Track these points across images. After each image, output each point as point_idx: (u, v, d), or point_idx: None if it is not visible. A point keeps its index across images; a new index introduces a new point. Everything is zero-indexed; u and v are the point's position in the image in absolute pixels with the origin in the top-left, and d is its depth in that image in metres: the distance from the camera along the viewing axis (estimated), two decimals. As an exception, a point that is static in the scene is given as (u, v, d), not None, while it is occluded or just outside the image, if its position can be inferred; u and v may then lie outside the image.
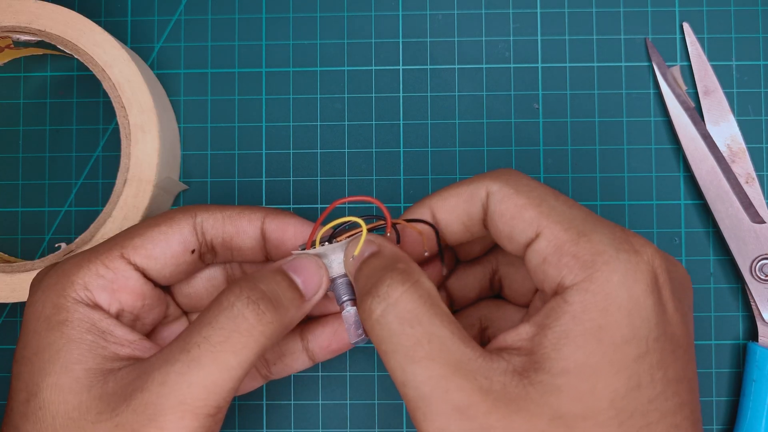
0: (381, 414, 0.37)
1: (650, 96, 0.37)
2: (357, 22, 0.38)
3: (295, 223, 0.30)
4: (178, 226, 0.29)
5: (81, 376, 0.26)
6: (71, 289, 0.27)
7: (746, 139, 0.36)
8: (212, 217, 0.29)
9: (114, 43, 0.34)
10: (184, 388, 0.25)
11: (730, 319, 0.36)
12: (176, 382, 0.25)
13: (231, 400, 0.26)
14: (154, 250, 0.28)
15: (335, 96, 0.38)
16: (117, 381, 0.26)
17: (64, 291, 0.27)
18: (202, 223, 0.29)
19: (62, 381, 0.26)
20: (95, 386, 0.25)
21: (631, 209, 0.37)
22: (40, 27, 0.34)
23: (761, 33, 0.37)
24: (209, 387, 0.25)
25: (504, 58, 0.37)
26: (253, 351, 0.26)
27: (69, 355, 0.26)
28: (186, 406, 0.25)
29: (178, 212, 0.29)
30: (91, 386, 0.25)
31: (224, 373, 0.25)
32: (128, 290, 0.28)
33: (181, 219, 0.29)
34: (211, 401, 0.25)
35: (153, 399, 0.25)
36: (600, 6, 0.37)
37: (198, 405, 0.25)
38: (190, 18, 0.38)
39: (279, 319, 0.26)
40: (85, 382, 0.26)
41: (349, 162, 0.37)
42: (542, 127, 0.37)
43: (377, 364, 0.37)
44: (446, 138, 0.37)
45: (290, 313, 0.27)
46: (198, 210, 0.29)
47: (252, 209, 0.30)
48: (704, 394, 0.36)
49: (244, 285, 0.27)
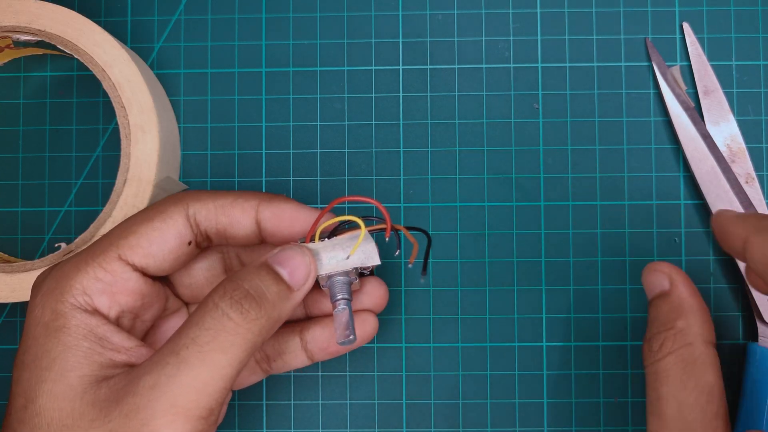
0: (381, 414, 0.37)
1: (650, 96, 0.37)
2: (357, 22, 0.38)
3: (290, 208, 0.29)
4: (172, 220, 0.28)
5: (75, 383, 0.26)
6: (69, 294, 0.27)
7: (746, 139, 0.36)
8: (204, 207, 0.29)
9: (114, 43, 0.34)
10: (174, 390, 0.25)
11: (730, 319, 0.36)
12: (166, 385, 0.25)
13: (225, 401, 0.26)
14: (150, 248, 0.28)
15: (335, 96, 0.38)
16: (110, 387, 0.26)
17: (62, 296, 0.27)
18: (195, 215, 0.29)
19: (57, 388, 0.26)
20: (88, 393, 0.26)
21: (630, 209, 0.37)
22: (40, 27, 0.34)
23: (761, 33, 0.37)
24: (199, 388, 0.25)
25: (504, 58, 0.37)
26: (243, 348, 0.26)
27: (65, 362, 0.26)
28: (177, 408, 0.25)
29: (170, 204, 0.29)
30: (84, 393, 0.25)
31: (214, 372, 0.25)
32: (127, 291, 0.28)
33: (174, 212, 0.29)
34: (202, 402, 0.25)
35: (144, 403, 0.25)
36: (600, 6, 0.37)
37: (189, 407, 0.25)
38: (190, 18, 0.38)
39: (266, 315, 0.26)
40: (79, 389, 0.26)
41: (349, 162, 0.37)
42: (542, 127, 0.37)
43: (377, 363, 0.37)
44: (446, 138, 0.37)
45: (278, 306, 0.27)
46: (190, 200, 0.29)
47: (246, 196, 0.29)
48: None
49: (228, 285, 0.27)
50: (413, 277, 0.37)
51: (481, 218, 0.37)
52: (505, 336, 0.36)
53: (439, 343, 0.37)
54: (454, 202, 0.37)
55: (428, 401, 0.36)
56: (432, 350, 0.37)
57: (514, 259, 0.37)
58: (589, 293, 0.36)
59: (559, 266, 0.37)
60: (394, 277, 0.37)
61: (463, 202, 0.37)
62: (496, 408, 0.36)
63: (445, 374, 0.36)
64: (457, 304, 0.37)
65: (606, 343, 0.36)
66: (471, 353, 0.36)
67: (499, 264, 0.37)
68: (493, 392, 0.36)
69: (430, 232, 0.37)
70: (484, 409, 0.36)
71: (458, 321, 0.37)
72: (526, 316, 0.36)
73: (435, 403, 0.36)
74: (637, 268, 0.36)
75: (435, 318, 0.37)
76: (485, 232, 0.37)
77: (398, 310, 0.37)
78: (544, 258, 0.37)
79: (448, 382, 0.36)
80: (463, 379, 0.36)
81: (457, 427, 0.36)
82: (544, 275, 0.37)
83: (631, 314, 0.36)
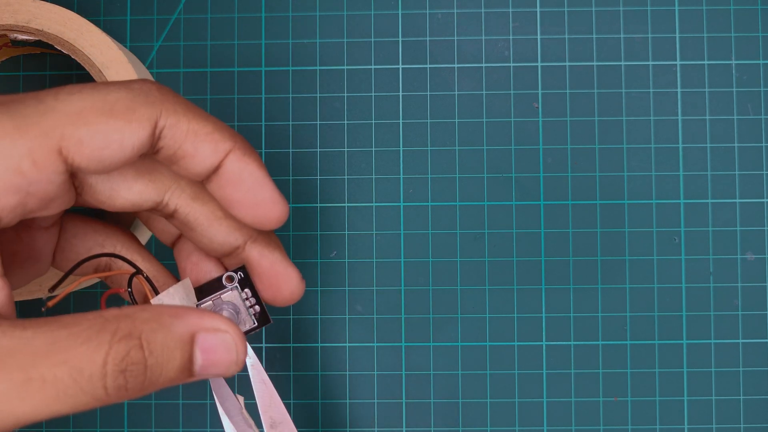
0: (380, 413, 0.37)
1: (650, 95, 0.37)
2: (356, 20, 0.38)
3: (256, 177, 0.24)
4: (139, 126, 0.22)
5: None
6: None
7: (745, 138, 0.36)
8: (176, 126, 0.23)
9: (111, 45, 0.34)
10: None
11: (729, 318, 0.36)
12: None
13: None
14: (102, 152, 0.21)
15: (334, 95, 0.38)
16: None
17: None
18: (163, 129, 0.23)
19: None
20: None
21: (630, 208, 0.37)
22: (38, 26, 0.34)
23: (761, 32, 0.37)
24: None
25: (503, 57, 0.37)
26: (65, 406, 0.20)
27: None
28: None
29: (139, 104, 0.22)
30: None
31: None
32: (40, 196, 0.21)
33: (144, 116, 0.22)
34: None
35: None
36: (600, 5, 0.37)
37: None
38: (190, 17, 0.38)
39: (133, 393, 0.21)
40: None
41: (349, 161, 0.37)
42: (542, 126, 0.37)
43: (377, 363, 0.37)
44: (446, 137, 0.37)
45: (153, 387, 0.21)
46: (164, 108, 0.23)
47: (223, 132, 0.23)
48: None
49: (127, 341, 0.20)
50: (415, 277, 0.37)
51: (481, 217, 0.37)
52: (505, 335, 0.36)
53: (439, 342, 0.37)
54: (454, 201, 0.37)
55: (428, 400, 0.36)
56: (431, 349, 0.37)
57: (514, 258, 0.37)
58: (589, 292, 0.36)
59: (558, 265, 0.37)
60: (395, 276, 0.37)
61: (463, 201, 0.37)
62: (496, 407, 0.36)
63: (444, 373, 0.36)
64: (457, 303, 0.37)
65: (606, 343, 0.36)
66: (470, 352, 0.36)
67: (498, 263, 0.37)
68: (493, 391, 0.36)
69: (430, 231, 0.37)
70: (483, 409, 0.36)
71: (458, 320, 0.37)
72: (526, 316, 0.36)
73: (434, 402, 0.36)
74: (636, 268, 0.36)
75: (434, 317, 0.37)
76: (485, 231, 0.37)
77: (397, 309, 0.37)
78: (544, 257, 0.37)
79: (448, 381, 0.36)
80: (463, 379, 0.36)
81: (456, 426, 0.36)
82: (544, 274, 0.37)
83: (630, 313, 0.36)
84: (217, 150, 0.23)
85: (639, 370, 0.36)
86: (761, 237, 0.36)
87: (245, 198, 0.24)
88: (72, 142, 0.21)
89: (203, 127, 0.23)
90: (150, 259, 0.27)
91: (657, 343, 0.36)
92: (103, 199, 0.24)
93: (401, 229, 0.37)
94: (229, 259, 0.27)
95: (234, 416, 0.26)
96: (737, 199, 0.36)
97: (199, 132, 0.23)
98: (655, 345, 0.36)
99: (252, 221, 0.24)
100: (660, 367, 0.36)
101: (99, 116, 0.21)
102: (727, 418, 0.36)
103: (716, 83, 0.37)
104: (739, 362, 0.36)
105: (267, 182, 0.24)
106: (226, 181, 0.24)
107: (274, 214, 0.24)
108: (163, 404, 0.37)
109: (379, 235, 0.37)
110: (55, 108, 0.21)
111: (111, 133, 0.21)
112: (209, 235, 0.26)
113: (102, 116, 0.21)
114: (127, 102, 0.22)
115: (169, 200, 0.25)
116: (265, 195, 0.24)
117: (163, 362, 0.21)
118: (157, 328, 0.21)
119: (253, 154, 0.24)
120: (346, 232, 0.37)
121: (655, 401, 0.36)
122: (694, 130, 0.37)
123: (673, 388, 0.36)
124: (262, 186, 0.24)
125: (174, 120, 0.23)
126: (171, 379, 0.21)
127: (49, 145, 0.21)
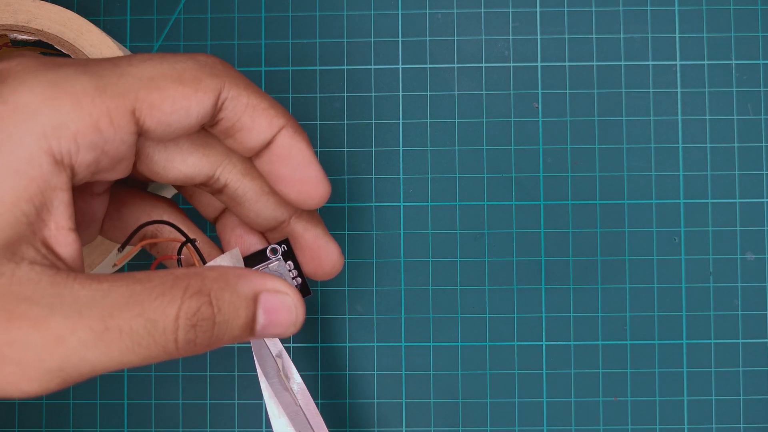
0: (380, 413, 0.37)
1: (650, 95, 0.37)
2: (356, 20, 0.38)
3: (304, 155, 0.25)
4: (205, 95, 0.23)
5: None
6: (54, 137, 0.21)
7: (745, 138, 0.36)
8: (237, 98, 0.24)
9: (111, 45, 0.34)
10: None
11: (729, 318, 0.36)
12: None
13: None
14: (170, 116, 0.22)
15: (334, 95, 0.38)
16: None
17: (44, 133, 0.21)
18: (225, 101, 0.24)
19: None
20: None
21: (630, 208, 0.37)
22: (38, 26, 0.34)
23: (761, 32, 0.37)
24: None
25: (503, 57, 0.37)
26: (136, 357, 0.21)
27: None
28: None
29: (206, 75, 0.23)
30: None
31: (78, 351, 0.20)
32: (112, 154, 0.22)
33: (208, 87, 0.23)
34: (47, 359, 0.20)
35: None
36: (600, 5, 0.37)
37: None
38: (190, 17, 0.38)
39: (202, 348, 0.22)
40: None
41: (349, 161, 0.37)
42: (542, 126, 0.37)
43: (377, 363, 0.37)
44: (445, 137, 0.37)
45: (219, 342, 0.22)
46: (227, 80, 0.23)
47: (278, 109, 0.25)
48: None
49: (198, 297, 0.21)
50: (415, 277, 0.37)
51: (481, 217, 0.37)
52: (505, 335, 0.36)
53: (439, 342, 0.37)
54: (454, 201, 0.37)
55: (427, 400, 0.36)
56: (431, 349, 0.37)
57: (514, 258, 0.37)
58: (589, 292, 0.36)
59: (558, 265, 0.37)
60: (395, 276, 0.37)
61: (463, 201, 0.37)
62: (496, 407, 0.36)
63: (444, 373, 0.36)
64: (457, 303, 0.37)
65: (605, 343, 0.36)
66: (470, 352, 0.37)
67: (498, 263, 0.37)
68: (493, 391, 0.36)
69: (430, 231, 0.37)
70: (483, 409, 0.36)
71: (458, 320, 0.37)
72: (526, 316, 0.36)
73: (434, 402, 0.36)
74: (636, 268, 0.36)
75: (434, 317, 0.37)
76: (485, 231, 0.37)
77: (397, 309, 0.37)
78: (544, 257, 0.37)
79: (448, 382, 0.36)
80: (463, 379, 0.36)
81: (456, 426, 0.36)
82: (544, 274, 0.37)
83: (630, 313, 0.36)
84: (272, 125, 0.24)
85: (639, 370, 0.36)
86: (761, 237, 0.36)
87: (293, 174, 0.25)
88: (145, 105, 0.22)
89: (261, 102, 0.24)
90: (195, 230, 0.28)
91: (657, 343, 0.36)
92: (158, 169, 0.25)
93: (401, 229, 0.37)
94: (271, 233, 0.28)
95: (271, 378, 0.27)
96: (737, 199, 0.36)
97: (257, 106, 0.24)
98: (655, 345, 0.36)
99: (296, 198, 0.25)
100: (660, 367, 0.36)
101: (170, 83, 0.22)
102: (727, 418, 0.36)
103: (716, 83, 0.37)
104: (739, 362, 0.36)
105: (314, 161, 0.25)
106: (277, 157, 0.25)
107: (317, 191, 0.25)
108: (164, 404, 0.37)
109: (379, 235, 0.37)
110: (129, 72, 0.22)
111: (180, 100, 0.22)
112: (256, 209, 0.26)
113: (172, 83, 0.22)
114: (195, 72, 0.23)
115: (220, 175, 0.25)
116: (312, 173, 0.25)
117: (229, 319, 0.22)
118: (224, 287, 0.22)
119: (303, 133, 0.25)
120: (346, 232, 0.37)
121: (655, 401, 0.36)
122: (694, 130, 0.37)
123: (673, 388, 0.36)
124: (309, 164, 0.25)
125: (236, 92, 0.24)
126: (235, 336, 0.22)
127: (125, 105, 0.21)
